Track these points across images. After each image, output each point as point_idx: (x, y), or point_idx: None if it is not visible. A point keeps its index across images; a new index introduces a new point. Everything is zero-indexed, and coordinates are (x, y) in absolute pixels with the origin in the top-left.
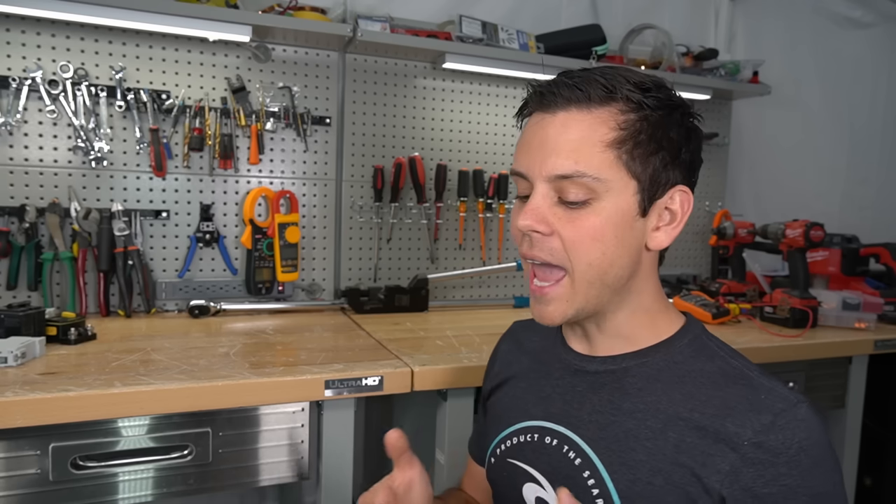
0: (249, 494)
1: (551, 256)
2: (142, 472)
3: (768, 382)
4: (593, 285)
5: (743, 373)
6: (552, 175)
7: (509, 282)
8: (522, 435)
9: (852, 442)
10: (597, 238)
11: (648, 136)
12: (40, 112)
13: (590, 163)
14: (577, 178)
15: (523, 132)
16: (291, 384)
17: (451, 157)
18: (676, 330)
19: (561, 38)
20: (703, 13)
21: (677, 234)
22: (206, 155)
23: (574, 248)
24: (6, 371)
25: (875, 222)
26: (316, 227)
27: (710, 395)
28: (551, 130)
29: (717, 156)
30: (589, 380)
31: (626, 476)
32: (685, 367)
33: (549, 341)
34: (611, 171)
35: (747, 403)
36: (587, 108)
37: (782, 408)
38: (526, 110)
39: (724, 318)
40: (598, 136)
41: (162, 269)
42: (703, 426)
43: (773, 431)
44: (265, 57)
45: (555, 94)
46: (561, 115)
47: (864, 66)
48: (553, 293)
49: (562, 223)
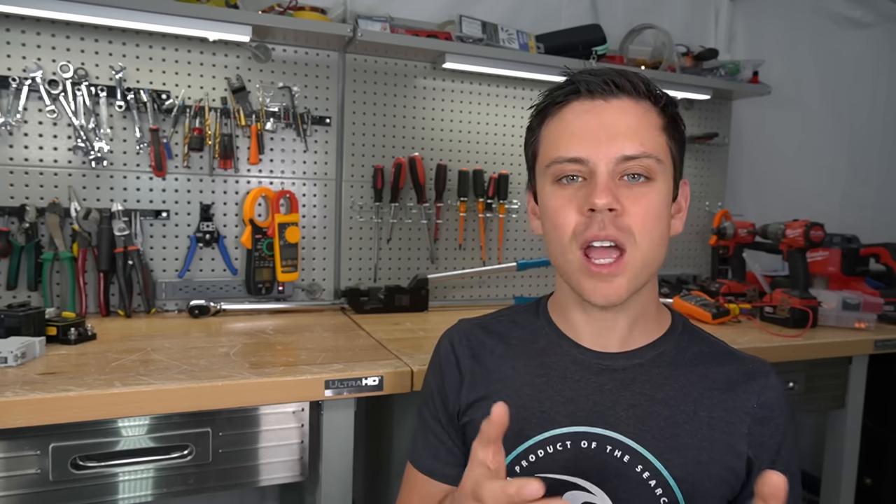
0: (249, 494)
1: (621, 234)
2: (142, 472)
3: (742, 353)
4: (649, 265)
5: (727, 349)
6: (619, 156)
7: (509, 282)
8: (549, 445)
9: (852, 442)
10: (659, 217)
11: (679, 129)
12: (40, 112)
13: (652, 144)
14: (642, 158)
15: (564, 119)
16: (291, 384)
17: (451, 157)
18: (671, 320)
19: (561, 38)
20: (703, 13)
21: (685, 221)
22: (206, 155)
23: (642, 225)
24: (6, 371)
25: (875, 222)
26: (316, 227)
27: (717, 371)
28: (609, 116)
29: (717, 156)
30: (618, 377)
31: (678, 461)
32: (690, 352)
33: (543, 340)
34: (665, 153)
35: (743, 374)
36: (636, 98)
37: (765, 371)
38: (561, 100)
39: (724, 318)
40: (652, 121)
41: (162, 269)
42: (723, 399)
43: (766, 391)
44: (265, 57)
45: (607, 84)
46: (615, 102)
47: (864, 66)
48: (618, 269)
49: (629, 202)
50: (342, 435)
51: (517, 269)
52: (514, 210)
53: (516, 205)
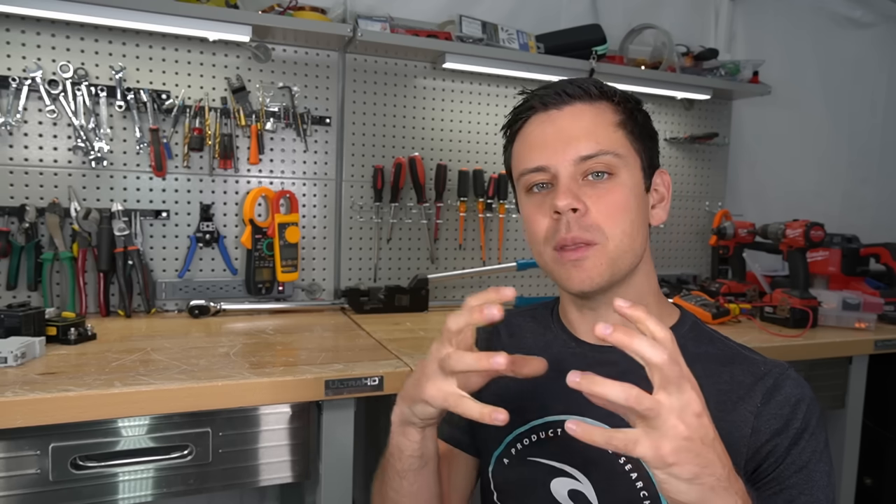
0: (249, 494)
1: (588, 233)
2: (142, 472)
3: (761, 356)
4: (624, 253)
5: (740, 351)
6: (576, 158)
7: (509, 282)
8: (542, 431)
9: (852, 442)
10: (626, 208)
11: (639, 122)
12: (40, 112)
13: (608, 141)
14: (600, 156)
15: (525, 133)
16: (291, 384)
17: (451, 157)
18: (677, 318)
19: (561, 38)
20: (703, 13)
21: (668, 209)
22: (206, 155)
23: (609, 220)
24: (6, 371)
25: (875, 222)
26: (316, 227)
27: (721, 372)
28: (563, 121)
29: (717, 156)
30: (611, 371)
31: None
32: (693, 352)
33: (549, 335)
34: (623, 147)
35: (752, 375)
36: (589, 101)
37: (779, 371)
38: (522, 116)
39: (724, 318)
40: (607, 120)
41: (162, 269)
42: (722, 401)
43: (777, 391)
44: (265, 57)
45: (559, 94)
46: (567, 109)
47: (864, 66)
48: (590, 254)
49: (592, 200)
50: (342, 435)
51: (517, 269)
52: (514, 210)
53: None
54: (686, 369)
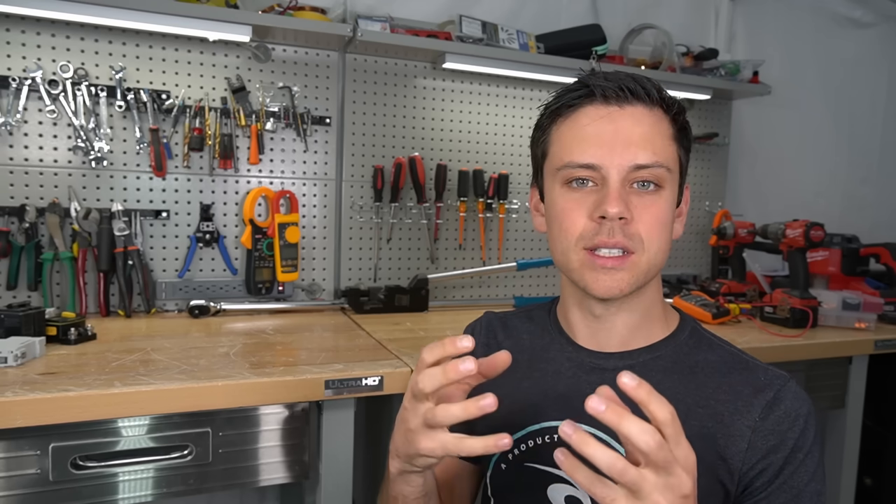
0: (249, 494)
1: (630, 242)
2: (142, 472)
3: (762, 364)
4: (652, 269)
5: (741, 359)
6: (633, 165)
7: (509, 282)
8: (539, 437)
9: (852, 442)
10: (666, 223)
11: (688, 138)
12: (40, 112)
13: (664, 154)
14: (654, 167)
15: (578, 122)
16: (291, 384)
17: (451, 157)
18: (677, 324)
19: (561, 38)
20: (703, 13)
21: (684, 223)
22: (206, 155)
23: (650, 233)
24: (6, 371)
25: (875, 222)
26: (316, 227)
27: (719, 382)
28: (623, 123)
29: (717, 156)
30: (609, 377)
31: None
32: (692, 359)
33: (547, 337)
34: (674, 162)
35: (751, 386)
36: (649, 106)
37: (780, 384)
38: (575, 102)
39: (724, 318)
40: (664, 131)
41: (162, 269)
42: (720, 412)
43: (777, 404)
44: (265, 57)
45: (622, 89)
46: (629, 109)
47: (864, 66)
48: (623, 264)
49: (638, 210)
50: (342, 435)
51: (517, 269)
52: (514, 210)
53: (516, 205)
54: (681, 450)
